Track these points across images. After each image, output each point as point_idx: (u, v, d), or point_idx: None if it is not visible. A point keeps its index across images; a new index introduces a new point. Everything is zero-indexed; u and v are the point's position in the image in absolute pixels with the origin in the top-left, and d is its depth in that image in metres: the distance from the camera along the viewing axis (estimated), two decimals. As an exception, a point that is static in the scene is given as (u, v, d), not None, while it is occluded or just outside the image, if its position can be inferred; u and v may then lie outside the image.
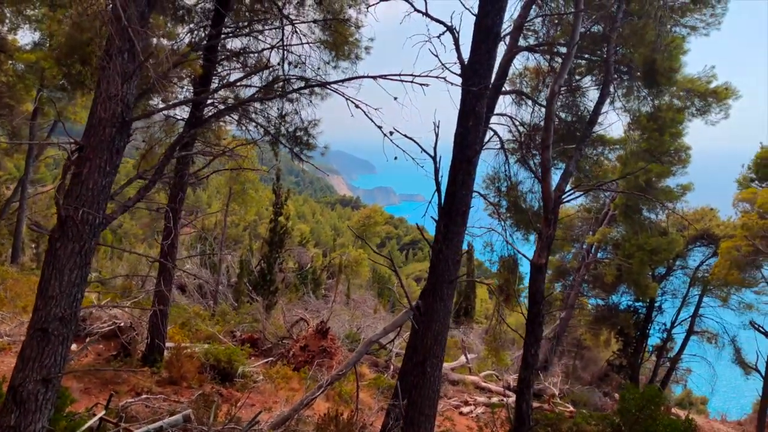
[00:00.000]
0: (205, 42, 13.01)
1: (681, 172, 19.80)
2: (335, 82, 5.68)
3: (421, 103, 6.75)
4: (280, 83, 10.07)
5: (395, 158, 6.20)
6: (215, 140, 15.33)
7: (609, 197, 25.61)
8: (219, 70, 14.15)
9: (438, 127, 6.94)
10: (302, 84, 10.24)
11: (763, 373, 20.28)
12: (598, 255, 26.93)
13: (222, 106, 11.81)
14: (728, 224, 24.18)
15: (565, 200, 8.35)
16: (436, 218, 7.11)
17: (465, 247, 9.05)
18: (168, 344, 14.80)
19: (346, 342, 19.43)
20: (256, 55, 12.08)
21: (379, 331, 11.46)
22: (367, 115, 5.34)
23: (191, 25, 13.68)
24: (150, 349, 13.77)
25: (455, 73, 6.84)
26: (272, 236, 22.35)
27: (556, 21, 12.78)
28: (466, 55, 7.09)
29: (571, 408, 19.84)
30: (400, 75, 5.43)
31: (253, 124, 11.51)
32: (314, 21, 10.82)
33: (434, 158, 7.05)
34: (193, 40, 13.63)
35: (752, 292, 24.01)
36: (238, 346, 17.14)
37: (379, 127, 5.62)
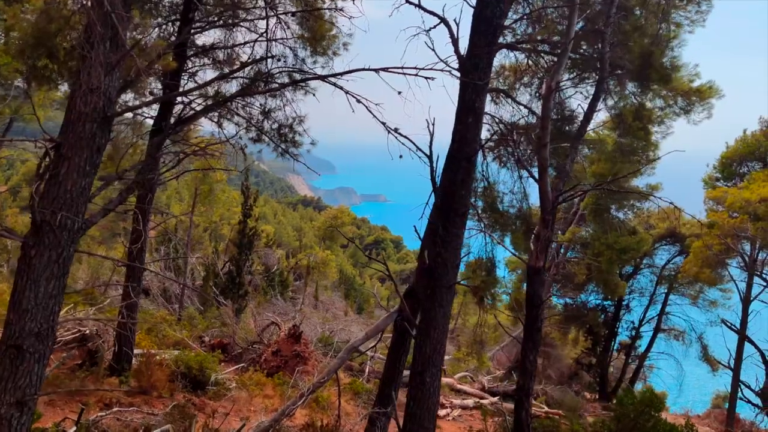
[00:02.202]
0: (174, 36, 12.45)
1: (649, 171, 20.08)
2: (333, 75, 5.31)
3: (413, 99, 6.43)
4: (263, 78, 9.58)
5: (400, 156, 5.86)
6: (185, 139, 14.75)
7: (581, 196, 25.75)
8: (189, 66, 13.60)
9: (433, 124, 6.65)
10: (286, 78, 9.78)
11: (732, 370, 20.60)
12: (568, 254, 27.08)
13: (200, 103, 11.23)
14: (693, 223, 24.59)
15: (562, 201, 8.15)
16: (424, 222, 6.85)
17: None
18: (135, 351, 14.16)
19: (319, 346, 18.98)
20: (230, 50, 11.56)
21: (361, 336, 11.09)
22: (369, 111, 5.00)
23: (159, 20, 13.10)
24: (117, 357, 13.11)
25: (453, 68, 6.54)
26: (241, 238, 21.71)
27: (534, 18, 12.65)
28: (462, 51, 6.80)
29: (546, 408, 19.83)
30: (403, 68, 5.09)
31: (234, 122, 10.99)
32: (293, 13, 10.36)
33: (430, 157, 6.75)
34: (161, 35, 13.05)
35: (717, 290, 24.49)
36: (208, 351, 16.54)
37: (383, 124, 5.28)
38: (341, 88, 5.13)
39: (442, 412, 17.85)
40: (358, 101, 4.97)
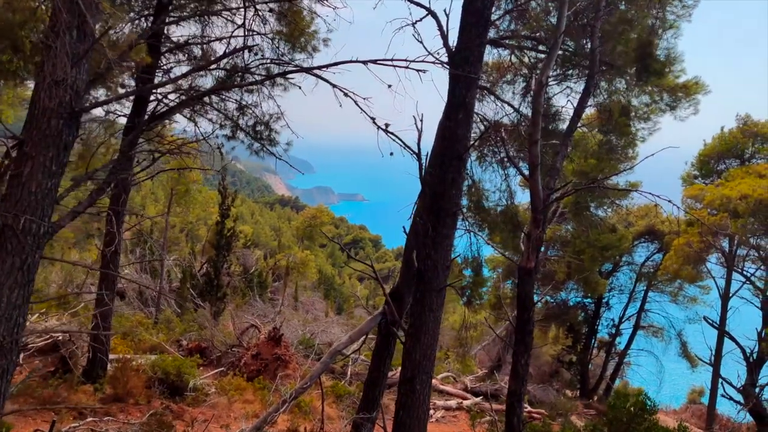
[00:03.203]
0: (149, 28, 12.00)
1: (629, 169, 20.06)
2: (318, 67, 5.01)
3: (404, 94, 6.15)
4: (240, 71, 9.20)
5: (391, 154, 5.58)
6: (159, 137, 14.30)
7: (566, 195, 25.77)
8: (163, 63, 13.17)
9: (421, 121, 6.37)
10: (264, 72, 9.39)
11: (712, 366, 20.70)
12: (548, 253, 27.07)
13: (173, 99, 10.80)
14: (672, 220, 24.72)
15: (554, 199, 7.94)
16: (409, 221, 6.58)
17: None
18: (111, 356, 13.71)
19: (300, 348, 18.63)
20: (206, 45, 11.15)
21: (345, 339, 10.79)
22: (358, 106, 4.71)
23: (131, 14, 12.64)
24: (92, 363, 12.65)
25: (442, 61, 6.27)
26: (218, 239, 21.24)
27: (519, 14, 12.45)
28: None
29: (529, 408, 19.73)
30: (393, 60, 4.81)
31: (207, 118, 10.56)
32: (270, 8, 10.00)
33: (419, 155, 6.47)
34: (134, 30, 12.59)
35: (696, 286, 24.66)
36: (186, 356, 16.12)
37: (373, 120, 4.99)
38: (327, 81, 4.84)
39: (425, 414, 17.64)
40: (346, 95, 4.69)
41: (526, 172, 7.30)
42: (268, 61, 9.21)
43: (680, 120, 11.04)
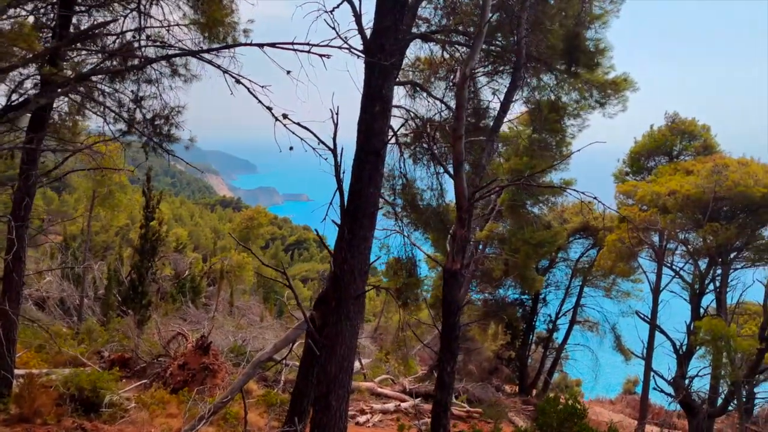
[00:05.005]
0: (55, 24, 11.06)
1: (564, 166, 20.17)
2: (207, 51, 4.45)
3: (318, 85, 5.65)
4: (123, 49, 8.39)
5: (290, 148, 5.04)
6: (71, 136, 13.29)
7: (497, 193, 25.78)
8: (73, 56, 12.21)
9: (337, 113, 5.86)
10: (164, 63, 8.63)
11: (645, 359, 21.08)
12: (486, 251, 27.07)
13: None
14: (606, 216, 25.10)
15: (479, 197, 7.59)
16: (338, 221, 6.05)
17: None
18: (18, 372, 12.66)
19: (230, 356, 17.82)
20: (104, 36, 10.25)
21: (269, 348, 10.22)
22: (251, 93, 4.18)
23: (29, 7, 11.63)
24: (-7, 382, 11.59)
25: (357, 50, 5.79)
26: (143, 243, 20.14)
27: (449, 9, 12.15)
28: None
29: (467, 407, 19.58)
30: (293, 44, 4.29)
31: (101, 109, 9.65)
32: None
33: (334, 151, 5.96)
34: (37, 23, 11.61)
35: (629, 281, 25.17)
36: (106, 368, 15.13)
37: (269, 108, 4.45)
38: (219, 66, 4.29)
39: (362, 419, 17.18)
40: (238, 81, 4.15)
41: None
42: (147, 43, 8.43)
43: (609, 117, 10.96)
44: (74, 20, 11.39)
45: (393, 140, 11.33)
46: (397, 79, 11.58)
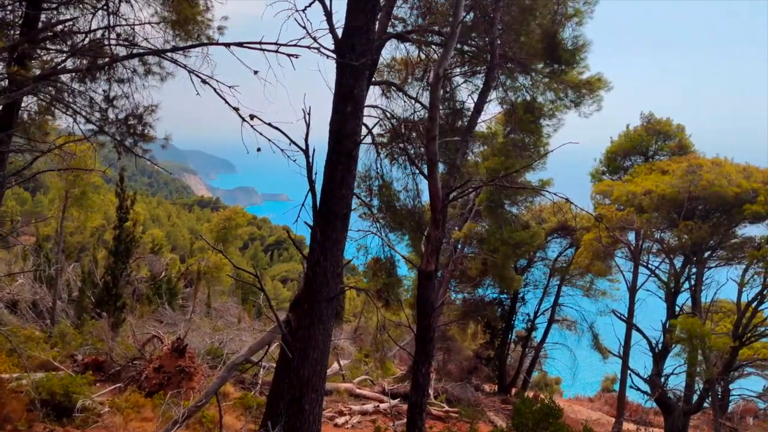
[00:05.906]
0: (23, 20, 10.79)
1: (541, 166, 20.27)
2: (174, 50, 4.35)
3: (290, 86, 5.56)
4: (92, 46, 8.22)
5: (258, 150, 4.95)
6: (40, 136, 13.01)
7: (475, 192, 25.84)
8: (42, 54, 11.94)
9: (309, 114, 5.78)
10: (136, 61, 8.46)
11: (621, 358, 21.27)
12: (465, 250, 27.12)
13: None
14: (583, 216, 25.28)
15: (453, 198, 7.55)
16: (311, 223, 5.95)
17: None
18: (-14, 378, 12.39)
19: (207, 358, 17.61)
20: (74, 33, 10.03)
21: (244, 351, 10.07)
22: (218, 93, 4.09)
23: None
24: (-40, 389, 11.30)
25: (328, 50, 5.70)
26: (117, 245, 19.82)
27: (425, 9, 12.11)
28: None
29: (446, 407, 19.58)
30: (260, 43, 4.20)
31: (71, 110, 9.45)
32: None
33: (306, 151, 5.87)
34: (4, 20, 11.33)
35: (606, 280, 25.37)
36: (79, 372, 14.85)
37: (235, 109, 4.37)
38: (185, 66, 4.18)
39: (340, 420, 17.10)
40: (204, 81, 4.05)
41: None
42: (118, 42, 8.28)
43: (584, 117, 11.01)
44: (43, 18, 11.20)
45: (369, 140, 11.30)
46: (373, 79, 11.55)
